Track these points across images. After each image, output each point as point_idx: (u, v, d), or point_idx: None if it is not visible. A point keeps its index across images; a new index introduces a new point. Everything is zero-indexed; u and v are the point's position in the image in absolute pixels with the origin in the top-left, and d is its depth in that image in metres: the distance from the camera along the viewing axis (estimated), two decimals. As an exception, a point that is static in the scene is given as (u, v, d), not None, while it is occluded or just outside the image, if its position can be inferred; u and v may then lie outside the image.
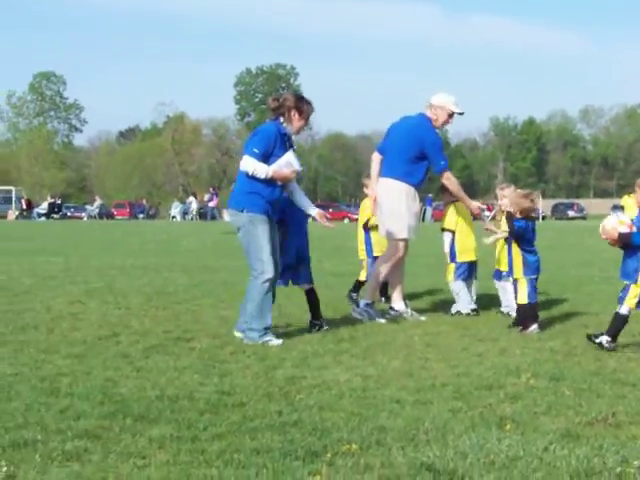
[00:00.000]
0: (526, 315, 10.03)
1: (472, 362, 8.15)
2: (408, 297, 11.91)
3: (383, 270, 11.20)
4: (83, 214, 74.31)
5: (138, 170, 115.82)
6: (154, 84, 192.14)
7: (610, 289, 14.51)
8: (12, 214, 71.02)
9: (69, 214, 75.81)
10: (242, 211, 9.33)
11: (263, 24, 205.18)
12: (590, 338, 8.90)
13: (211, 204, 68.90)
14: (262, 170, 9.25)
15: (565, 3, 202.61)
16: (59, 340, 9.19)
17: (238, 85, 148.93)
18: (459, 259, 11.57)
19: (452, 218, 11.67)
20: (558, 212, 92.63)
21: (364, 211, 12.49)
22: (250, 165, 9.28)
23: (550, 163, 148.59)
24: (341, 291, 13.01)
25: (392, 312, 11.15)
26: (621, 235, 8.86)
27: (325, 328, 9.83)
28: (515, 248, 10.19)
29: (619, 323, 8.92)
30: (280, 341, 9.13)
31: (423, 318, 11.04)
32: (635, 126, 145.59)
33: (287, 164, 9.42)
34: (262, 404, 6.48)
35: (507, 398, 6.72)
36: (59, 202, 76.98)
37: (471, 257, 11.67)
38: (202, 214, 71.80)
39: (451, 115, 11.34)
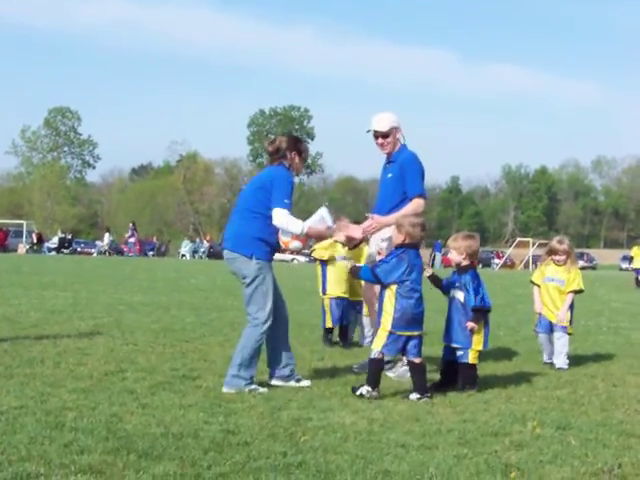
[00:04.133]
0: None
1: (478, 408, 8.12)
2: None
3: None
4: (93, 250, 74.39)
5: (149, 207, 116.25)
6: (168, 122, 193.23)
7: (618, 340, 14.49)
8: (22, 248, 71.12)
9: (79, 249, 75.91)
10: (251, 258, 8.88)
11: (277, 66, 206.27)
12: (354, 390, 8.57)
13: (131, 240, 69.32)
14: (297, 226, 8.80)
15: (580, 52, 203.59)
16: (65, 374, 9.18)
17: (251, 126, 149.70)
18: None
19: None
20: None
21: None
22: (284, 219, 8.75)
23: (561, 212, 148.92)
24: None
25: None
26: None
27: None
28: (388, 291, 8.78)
29: (372, 370, 8.66)
30: (266, 389, 8.77)
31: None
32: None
33: (321, 220, 9.07)
34: (267, 444, 6.45)
35: (513, 446, 6.68)
36: (69, 237, 77.18)
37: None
38: (212, 253, 71.87)
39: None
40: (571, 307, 11.28)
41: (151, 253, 75.78)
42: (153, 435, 6.59)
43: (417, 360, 8.69)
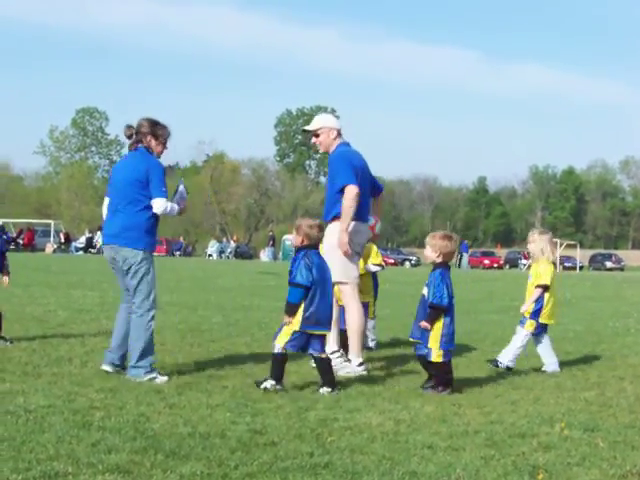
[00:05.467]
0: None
1: (505, 410, 8.09)
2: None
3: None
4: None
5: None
6: (195, 122, 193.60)
7: (647, 341, 14.38)
8: (50, 247, 71.53)
9: (106, 249, 76.10)
10: (141, 250, 9.20)
11: (304, 66, 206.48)
12: (257, 384, 8.73)
13: None
14: (174, 208, 9.45)
15: (609, 51, 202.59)
16: (93, 374, 9.22)
17: (278, 126, 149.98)
18: None
19: None
20: (596, 263, 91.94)
21: None
22: (165, 206, 9.24)
23: (589, 213, 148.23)
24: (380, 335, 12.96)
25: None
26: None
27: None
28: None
29: (275, 364, 8.80)
30: (166, 378, 9.02)
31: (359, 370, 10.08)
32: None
33: (182, 196, 9.77)
34: (294, 445, 6.45)
35: (540, 447, 6.66)
36: (97, 237, 77.43)
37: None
38: (239, 253, 71.96)
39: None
40: (541, 303, 10.72)
41: (178, 253, 75.99)
42: (180, 435, 6.60)
43: (323, 355, 8.93)
